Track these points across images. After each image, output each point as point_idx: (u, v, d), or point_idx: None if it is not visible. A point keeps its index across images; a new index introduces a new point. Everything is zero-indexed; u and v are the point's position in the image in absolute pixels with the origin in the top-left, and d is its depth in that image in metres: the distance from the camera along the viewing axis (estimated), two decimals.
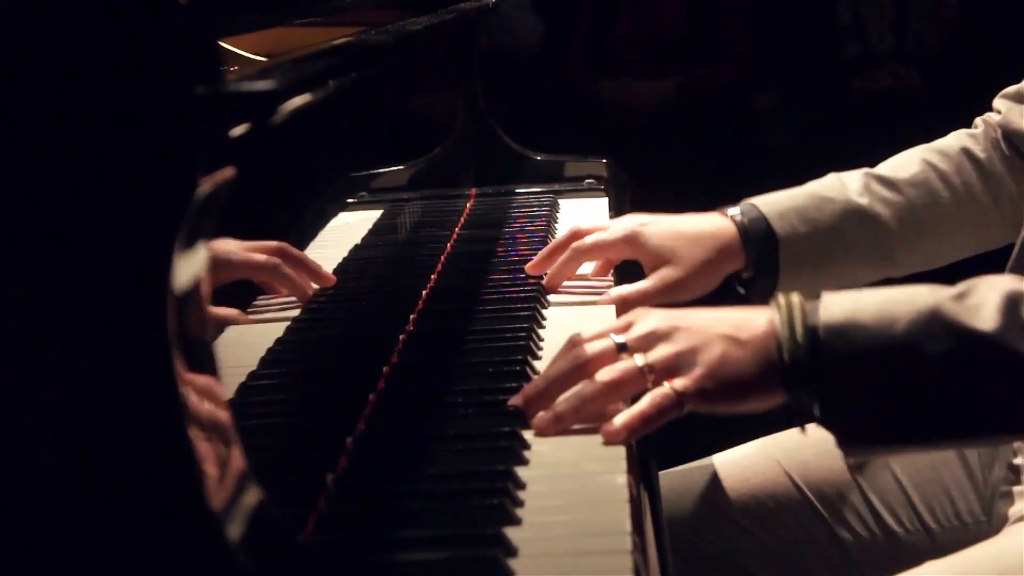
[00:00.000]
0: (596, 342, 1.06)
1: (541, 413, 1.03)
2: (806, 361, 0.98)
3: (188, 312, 0.69)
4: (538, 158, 2.02)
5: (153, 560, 0.69)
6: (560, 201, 1.91)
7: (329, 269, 1.29)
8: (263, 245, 1.15)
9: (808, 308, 1.00)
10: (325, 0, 1.54)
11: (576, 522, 0.89)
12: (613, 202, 1.90)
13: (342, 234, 1.43)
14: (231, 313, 1.09)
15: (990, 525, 1.35)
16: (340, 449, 1.00)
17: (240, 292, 1.14)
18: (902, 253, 1.43)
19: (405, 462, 0.99)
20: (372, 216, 1.55)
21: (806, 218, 1.39)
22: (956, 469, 1.39)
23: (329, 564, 0.82)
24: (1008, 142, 1.44)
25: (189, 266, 0.70)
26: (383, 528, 0.89)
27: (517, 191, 1.96)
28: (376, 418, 1.08)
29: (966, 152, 1.45)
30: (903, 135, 1.66)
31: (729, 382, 1.01)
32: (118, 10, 0.66)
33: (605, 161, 2.01)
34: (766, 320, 1.01)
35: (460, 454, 1.00)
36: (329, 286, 1.24)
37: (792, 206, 1.40)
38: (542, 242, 1.61)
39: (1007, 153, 1.43)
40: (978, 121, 1.49)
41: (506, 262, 1.55)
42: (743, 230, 1.38)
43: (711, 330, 1.02)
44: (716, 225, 1.40)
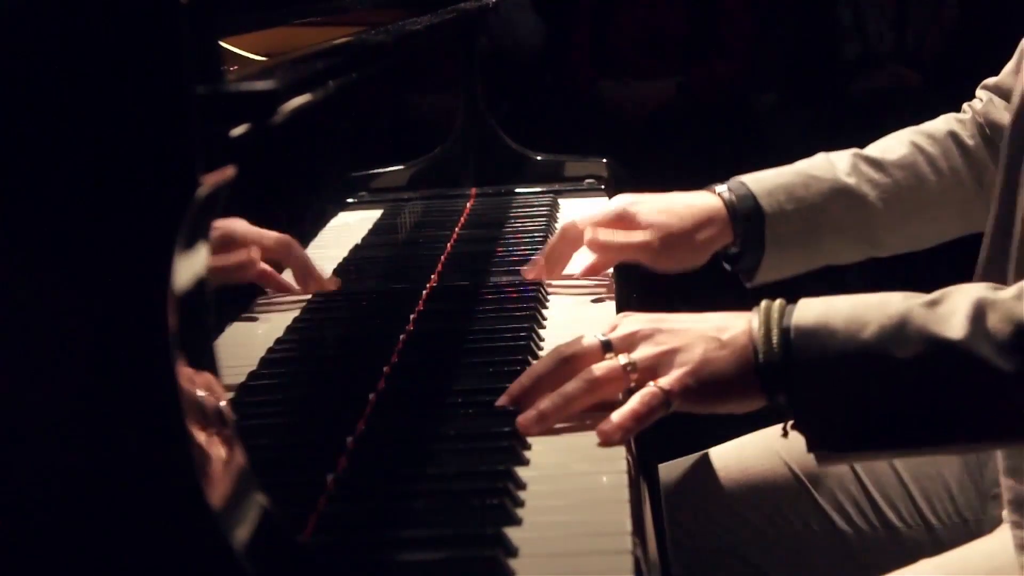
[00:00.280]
0: (581, 340, 1.07)
1: (526, 412, 1.04)
2: (778, 363, 0.99)
3: (188, 312, 0.69)
4: (538, 158, 2.02)
5: (153, 560, 0.69)
6: (560, 201, 1.91)
7: (329, 269, 1.29)
8: (272, 234, 1.16)
9: (785, 311, 1.01)
10: (325, 0, 1.54)
11: (576, 522, 0.89)
12: None
13: (342, 234, 1.44)
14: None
15: (987, 524, 1.34)
16: (340, 449, 1.00)
17: (240, 292, 1.14)
18: (886, 234, 1.45)
19: (405, 462, 0.99)
20: (372, 216, 1.55)
21: (793, 196, 1.41)
22: (956, 465, 1.39)
23: (329, 564, 0.82)
24: (987, 131, 1.45)
25: (189, 265, 0.70)
26: (383, 528, 0.89)
27: (517, 191, 1.96)
28: (376, 418, 1.08)
29: (953, 136, 1.46)
30: None
31: (710, 382, 1.02)
32: (119, 10, 0.66)
33: (605, 161, 2.01)
34: (747, 322, 1.02)
35: (460, 454, 1.00)
36: (329, 290, 1.24)
37: (780, 183, 1.43)
38: (542, 242, 1.61)
39: (989, 138, 1.44)
40: (966, 106, 1.50)
41: (506, 262, 1.55)
42: (731, 207, 1.41)
43: (693, 331, 1.04)
44: (705, 201, 1.43)
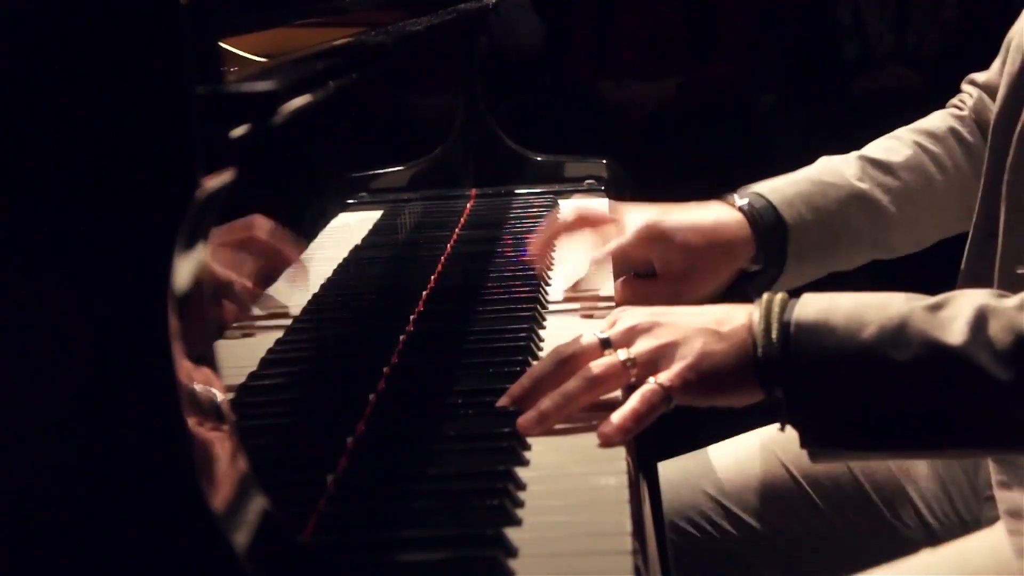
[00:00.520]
0: (580, 339, 1.07)
1: (526, 413, 1.04)
2: (777, 358, 0.99)
3: (188, 312, 0.69)
4: (538, 158, 2.01)
5: (153, 560, 0.69)
6: (560, 201, 1.91)
7: (329, 269, 1.29)
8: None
9: (787, 306, 1.01)
10: (325, 0, 1.54)
11: (576, 523, 0.89)
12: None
13: (342, 234, 1.43)
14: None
15: (984, 524, 1.34)
16: (340, 449, 1.00)
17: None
18: (896, 237, 1.43)
19: (405, 462, 0.99)
20: (372, 216, 1.55)
21: (812, 205, 1.37)
22: (953, 466, 1.39)
23: (329, 564, 0.82)
24: (981, 128, 1.44)
25: (189, 266, 0.70)
26: (383, 528, 0.89)
27: (517, 191, 1.96)
28: (376, 418, 1.08)
29: (955, 133, 1.45)
30: None
31: (709, 375, 1.01)
32: (119, 10, 0.66)
33: (605, 161, 2.00)
34: (747, 315, 1.02)
35: (460, 454, 1.00)
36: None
37: (797, 192, 1.37)
38: None
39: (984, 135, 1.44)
40: (957, 101, 1.49)
41: (506, 262, 1.55)
42: (753, 221, 1.35)
43: (692, 324, 1.03)
44: (729, 219, 1.35)
